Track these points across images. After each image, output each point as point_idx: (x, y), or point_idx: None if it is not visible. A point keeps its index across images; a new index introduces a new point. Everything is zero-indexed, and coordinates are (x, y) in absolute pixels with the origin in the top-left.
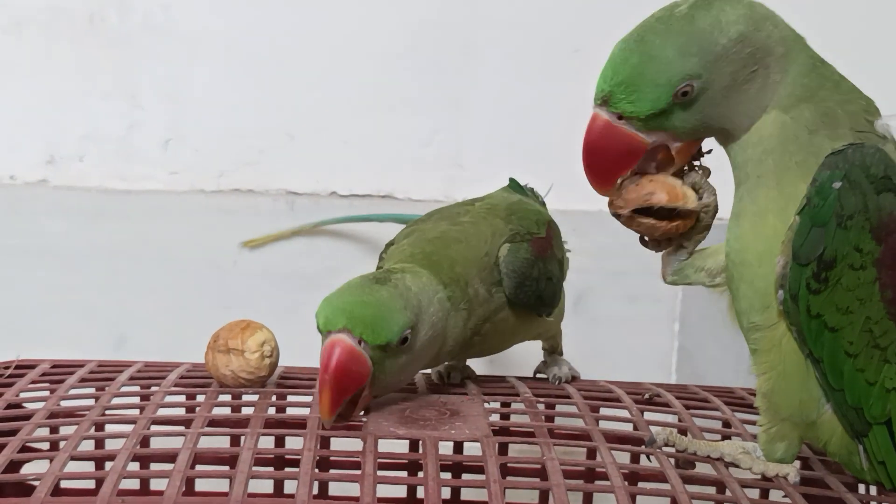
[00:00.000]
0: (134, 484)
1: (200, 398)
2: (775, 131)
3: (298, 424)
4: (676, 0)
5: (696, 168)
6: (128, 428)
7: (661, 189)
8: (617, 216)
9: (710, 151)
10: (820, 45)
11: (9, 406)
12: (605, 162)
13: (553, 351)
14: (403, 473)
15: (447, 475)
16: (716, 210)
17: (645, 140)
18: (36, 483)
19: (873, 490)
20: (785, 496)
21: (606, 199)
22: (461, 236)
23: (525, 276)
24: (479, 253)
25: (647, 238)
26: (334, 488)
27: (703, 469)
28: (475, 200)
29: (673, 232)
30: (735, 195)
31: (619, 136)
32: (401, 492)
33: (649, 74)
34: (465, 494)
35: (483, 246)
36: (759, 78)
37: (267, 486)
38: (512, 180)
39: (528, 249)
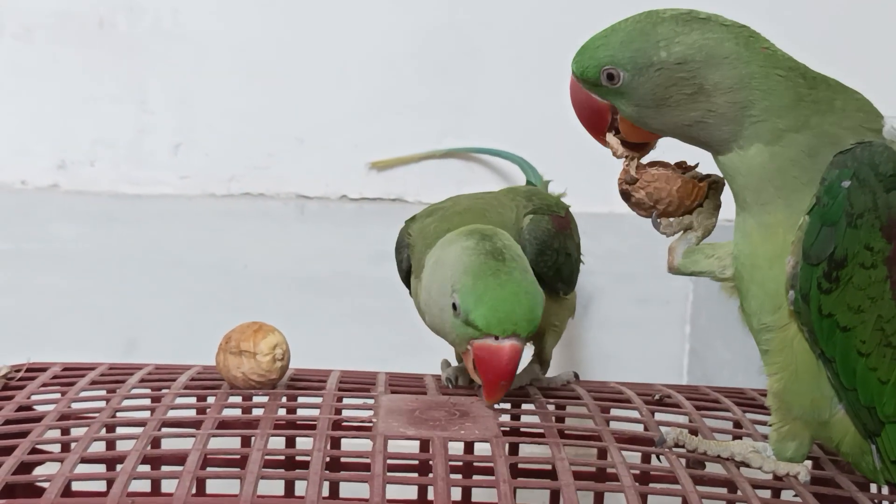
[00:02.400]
0: (145, 485)
1: (211, 400)
2: (765, 160)
3: (308, 426)
4: (680, 8)
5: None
6: (138, 430)
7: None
8: (630, 181)
9: (697, 165)
10: (820, 46)
11: (20, 408)
12: (582, 116)
13: (540, 361)
14: (414, 475)
15: (457, 476)
16: (723, 186)
17: (599, 101)
18: (46, 485)
19: (885, 490)
20: (796, 495)
21: (615, 202)
22: (488, 207)
23: (546, 245)
24: (509, 221)
25: (658, 220)
26: (345, 489)
27: (713, 469)
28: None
29: (693, 193)
30: (737, 216)
31: (580, 94)
32: (411, 493)
33: (595, 45)
34: (476, 495)
35: (510, 214)
36: (699, 104)
37: (277, 488)
38: (529, 182)
39: (550, 222)
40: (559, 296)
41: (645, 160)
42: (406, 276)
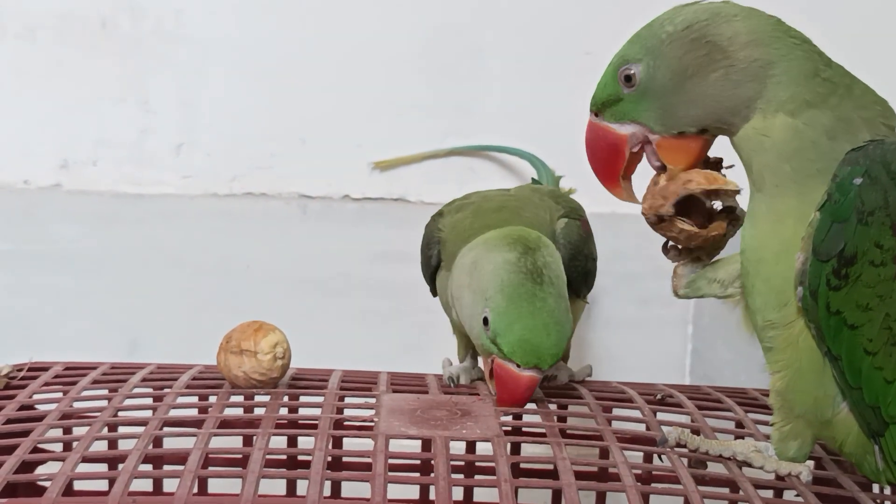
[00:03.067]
0: (146, 484)
1: (212, 399)
2: (787, 136)
3: (310, 425)
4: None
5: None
6: (140, 429)
7: (698, 175)
8: (654, 220)
9: (731, 166)
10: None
11: (22, 407)
12: (597, 158)
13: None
14: (416, 474)
15: (459, 476)
16: (741, 224)
17: (618, 131)
18: (48, 484)
19: (887, 490)
20: (798, 495)
21: (619, 200)
22: (522, 205)
23: (578, 250)
24: (543, 222)
25: (668, 247)
26: (346, 489)
27: (715, 469)
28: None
29: (710, 240)
30: (750, 197)
31: (598, 130)
32: (413, 492)
33: (607, 66)
34: (478, 495)
35: (545, 215)
36: (717, 66)
37: (279, 487)
38: (534, 179)
39: (580, 226)
40: (578, 297)
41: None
42: (433, 271)
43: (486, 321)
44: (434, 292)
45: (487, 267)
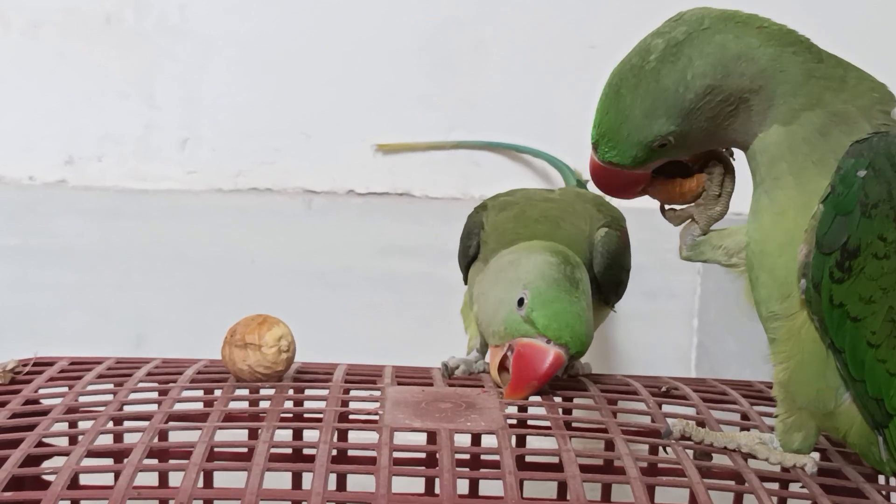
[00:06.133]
0: (151, 477)
1: (217, 393)
2: (780, 138)
3: (315, 418)
4: (652, 43)
5: None
6: (145, 423)
7: None
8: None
9: None
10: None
11: (27, 402)
12: (614, 189)
13: None
14: (421, 467)
15: (464, 468)
16: (722, 180)
17: (639, 172)
18: (53, 477)
19: (893, 481)
20: (802, 487)
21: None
22: (563, 215)
23: (615, 260)
24: (582, 233)
25: (665, 210)
26: (351, 481)
27: (720, 461)
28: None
29: (688, 196)
30: (753, 195)
31: (614, 174)
32: (418, 485)
33: (624, 133)
34: (483, 488)
35: (584, 226)
36: (741, 112)
37: (284, 480)
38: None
39: (619, 237)
40: (607, 305)
41: None
42: (470, 261)
43: (521, 302)
44: (466, 280)
45: (528, 264)
